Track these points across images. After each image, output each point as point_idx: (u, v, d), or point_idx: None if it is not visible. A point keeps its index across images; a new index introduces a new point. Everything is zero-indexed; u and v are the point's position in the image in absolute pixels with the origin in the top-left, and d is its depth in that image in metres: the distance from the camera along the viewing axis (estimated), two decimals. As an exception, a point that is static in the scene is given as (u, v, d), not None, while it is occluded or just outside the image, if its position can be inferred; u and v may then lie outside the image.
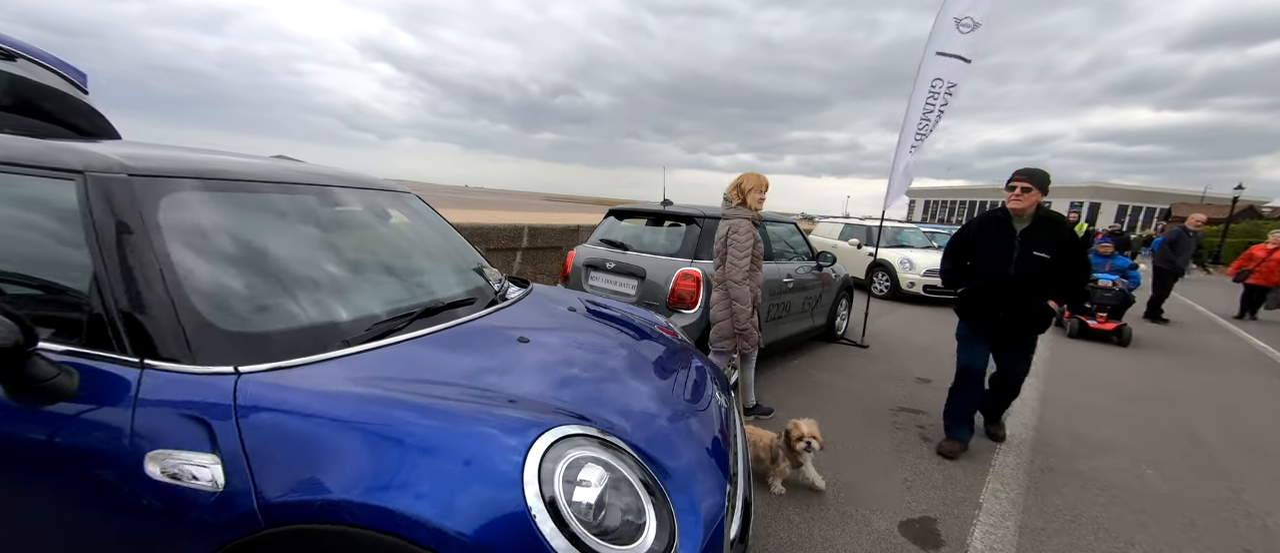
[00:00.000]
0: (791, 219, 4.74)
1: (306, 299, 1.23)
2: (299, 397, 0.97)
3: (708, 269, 3.36)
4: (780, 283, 4.03)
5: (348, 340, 1.18)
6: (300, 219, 1.44)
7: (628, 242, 3.74)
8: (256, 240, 1.29)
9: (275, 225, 1.37)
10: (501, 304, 1.72)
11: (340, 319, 1.24)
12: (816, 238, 11.17)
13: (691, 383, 1.54)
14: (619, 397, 1.27)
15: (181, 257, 1.08)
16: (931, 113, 4.93)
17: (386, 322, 1.30)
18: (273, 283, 1.24)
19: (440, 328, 1.36)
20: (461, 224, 5.23)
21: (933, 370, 4.54)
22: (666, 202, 3.82)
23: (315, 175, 1.60)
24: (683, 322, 3.22)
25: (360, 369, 1.09)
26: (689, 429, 1.30)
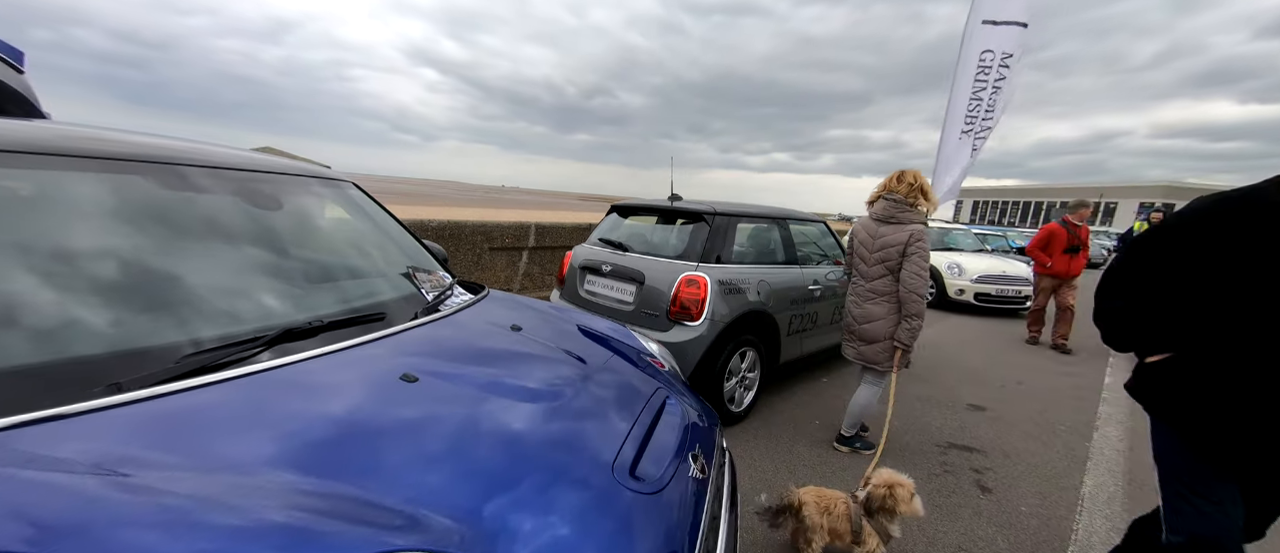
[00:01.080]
0: (821, 218, 4.19)
1: (58, 318, 0.85)
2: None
3: (719, 273, 2.89)
4: (806, 291, 3.50)
5: (119, 384, 0.80)
6: (105, 206, 1.06)
7: (628, 242, 3.31)
8: None
9: (47, 211, 0.99)
10: (419, 322, 1.33)
11: (117, 349, 0.86)
12: (852, 239, 10.40)
13: (664, 453, 1.10)
14: (527, 480, 0.85)
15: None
16: (983, 92, 4.26)
17: (204, 353, 0.92)
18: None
19: (287, 362, 0.97)
20: (462, 222, 4.94)
21: (987, 396, 3.88)
22: (674, 197, 3.37)
23: (181, 154, 1.25)
24: (685, 335, 2.76)
25: (101, 439, 0.71)
26: (635, 530, 0.86)
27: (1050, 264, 5.53)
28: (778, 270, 3.32)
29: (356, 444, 0.82)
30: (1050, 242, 5.53)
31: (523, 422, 0.99)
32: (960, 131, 4.34)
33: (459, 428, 0.94)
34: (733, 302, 2.90)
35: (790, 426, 3.11)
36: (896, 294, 2.57)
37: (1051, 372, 4.70)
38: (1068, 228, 5.44)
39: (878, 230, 2.64)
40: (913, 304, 2.51)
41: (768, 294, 3.13)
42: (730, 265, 3.01)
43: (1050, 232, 5.53)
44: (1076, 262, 5.50)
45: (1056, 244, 5.48)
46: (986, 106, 4.26)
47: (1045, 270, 5.60)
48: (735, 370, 2.99)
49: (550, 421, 1.03)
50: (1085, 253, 5.53)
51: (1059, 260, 5.49)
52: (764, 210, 3.46)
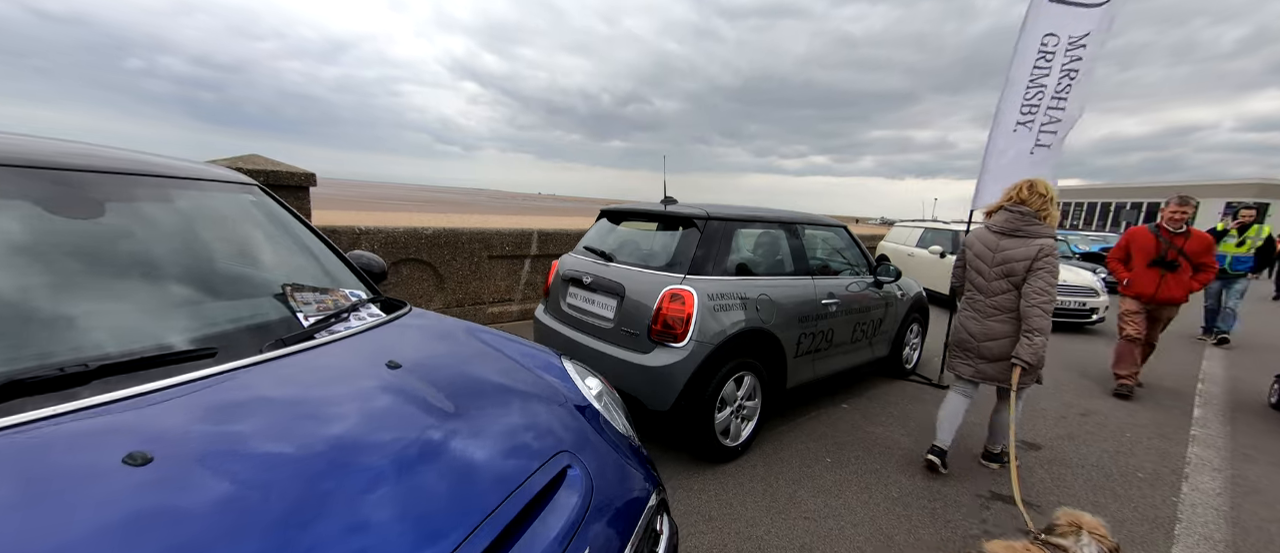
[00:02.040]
0: (840, 223, 3.71)
1: None
2: None
3: (709, 286, 2.51)
4: (819, 306, 3.05)
5: None
6: None
7: (615, 251, 2.97)
8: None
9: None
10: (263, 357, 1.05)
11: None
12: (889, 245, 9.64)
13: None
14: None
15: None
16: (1046, 80, 3.64)
17: None
18: None
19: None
20: (459, 230, 4.76)
21: (1043, 430, 3.28)
22: (667, 200, 3.02)
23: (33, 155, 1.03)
24: (668, 358, 2.39)
25: None
26: None
27: (1126, 281, 4.08)
28: (784, 282, 2.90)
29: None
30: (1131, 250, 4.08)
31: (284, 529, 0.67)
32: (1016, 122, 3.73)
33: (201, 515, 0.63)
34: (726, 319, 2.51)
35: (796, 463, 2.67)
36: (1018, 309, 2.45)
37: (1124, 401, 3.99)
38: (1157, 234, 3.93)
39: (999, 244, 2.52)
40: (1035, 319, 2.36)
41: (770, 310, 2.72)
42: (724, 277, 2.62)
43: (1130, 237, 4.11)
44: (1170, 283, 3.86)
45: (1138, 254, 4.01)
46: (1054, 94, 3.64)
47: (1124, 290, 4.15)
48: (729, 399, 2.59)
49: (338, 521, 0.71)
50: (1187, 272, 3.86)
51: (1140, 277, 3.97)
52: (768, 214, 3.05)
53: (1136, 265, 4.04)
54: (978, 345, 2.59)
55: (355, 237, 4.11)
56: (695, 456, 2.62)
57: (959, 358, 2.71)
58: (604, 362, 2.60)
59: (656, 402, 2.44)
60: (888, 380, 4.11)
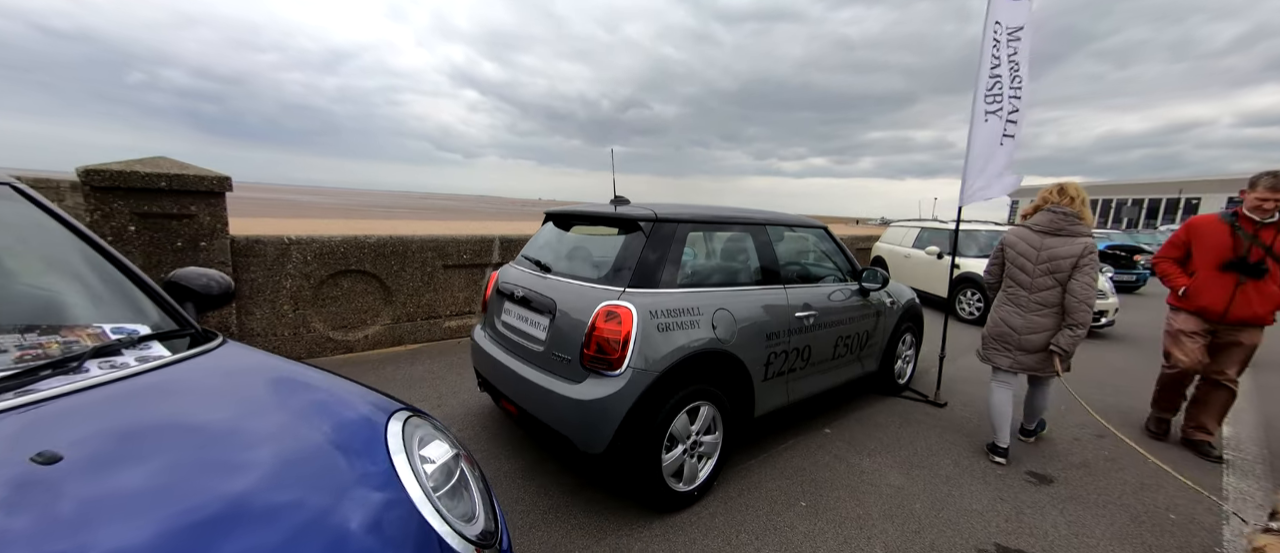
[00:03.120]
0: (818, 223, 3.30)
1: None
2: None
3: (652, 301, 2.10)
4: (793, 320, 2.64)
5: None
6: None
7: (553, 260, 2.57)
8: None
9: None
10: None
11: None
12: (885, 246, 9.22)
13: None
14: None
15: None
16: (999, 69, 3.44)
17: None
18: None
19: None
20: (408, 238, 4.36)
21: (1052, 457, 2.85)
22: (618, 200, 2.62)
23: None
24: (600, 390, 1.98)
25: None
26: None
27: (1184, 290, 2.98)
28: (749, 293, 2.49)
29: None
30: (1192, 247, 3.00)
31: None
32: (985, 112, 3.46)
33: None
34: (674, 340, 2.10)
35: (764, 509, 2.25)
36: (1061, 305, 2.63)
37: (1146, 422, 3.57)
38: (1233, 225, 2.82)
39: (1043, 242, 2.67)
40: (1080, 314, 2.55)
41: (731, 327, 2.31)
42: (674, 290, 2.21)
43: (1194, 229, 3.00)
44: (1249, 295, 2.80)
45: (1205, 253, 2.91)
46: (1010, 85, 3.45)
47: (1177, 301, 3.05)
48: (681, 435, 2.17)
49: None
50: (1278, 279, 2.78)
51: (1206, 284, 2.89)
52: (731, 214, 2.64)
53: (1201, 269, 2.93)
54: (1019, 338, 2.74)
55: (283, 247, 3.71)
56: (642, 503, 2.20)
57: (997, 350, 2.85)
58: (533, 392, 2.19)
59: (588, 442, 2.02)
60: (879, 398, 3.69)
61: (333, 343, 4.01)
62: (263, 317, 3.68)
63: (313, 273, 3.86)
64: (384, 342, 4.30)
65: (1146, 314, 7.77)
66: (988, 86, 3.43)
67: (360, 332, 4.17)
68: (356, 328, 4.16)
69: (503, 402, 2.47)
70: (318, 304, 3.95)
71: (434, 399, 3.26)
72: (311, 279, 3.86)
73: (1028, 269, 2.70)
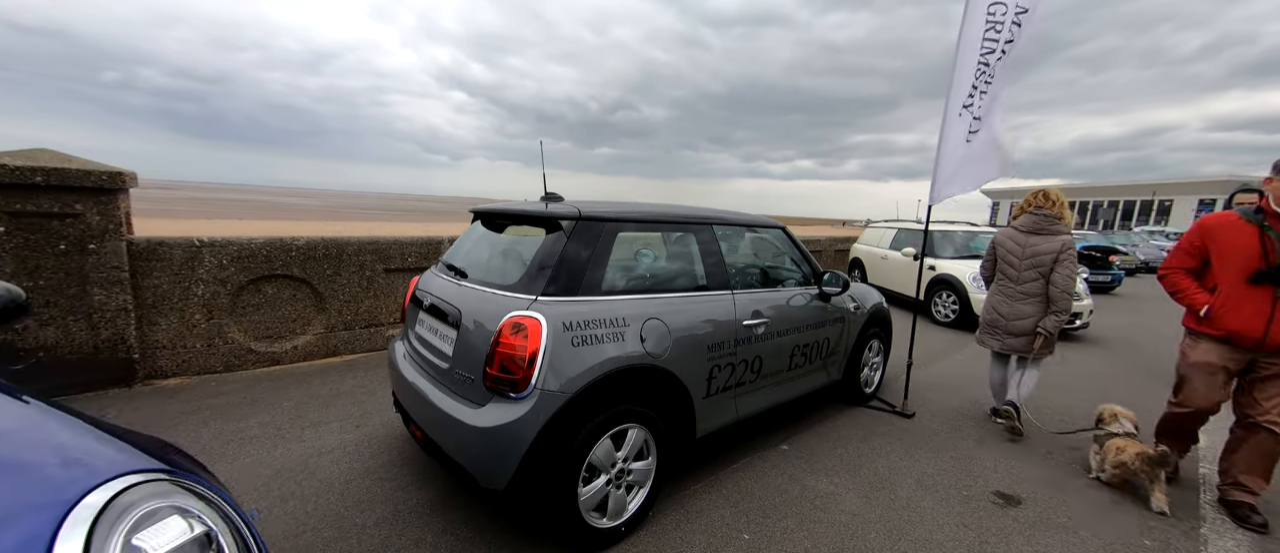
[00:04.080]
0: (775, 223, 3.07)
1: None
2: None
3: (566, 312, 1.83)
4: (737, 328, 2.39)
5: None
6: None
7: (472, 265, 2.29)
8: None
9: None
10: None
11: None
12: (863, 248, 9.09)
13: None
14: None
15: None
16: (990, 58, 3.09)
17: None
18: None
19: None
20: (345, 239, 4.03)
21: (1021, 475, 2.64)
22: (550, 196, 2.35)
23: None
24: (503, 414, 1.71)
25: None
26: None
27: (1206, 310, 2.35)
28: (687, 301, 2.24)
29: None
30: (1209, 254, 2.39)
31: None
32: (961, 106, 3.16)
33: None
34: (594, 355, 1.83)
35: (702, 542, 1.99)
36: (1045, 294, 3.01)
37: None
38: (1261, 225, 2.24)
39: (1027, 240, 3.06)
40: (1062, 301, 2.94)
41: (663, 338, 2.05)
42: (596, 298, 1.94)
43: (1210, 231, 2.39)
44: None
45: (1228, 261, 2.32)
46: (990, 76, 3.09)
47: (1197, 324, 2.41)
48: (603, 464, 1.90)
49: None
50: None
51: (1234, 301, 2.29)
52: (669, 212, 2.38)
53: (1225, 282, 2.31)
54: (1006, 323, 3.13)
55: (193, 251, 3.36)
56: (559, 543, 1.93)
57: (989, 334, 3.26)
58: (434, 416, 1.91)
59: (488, 476, 1.74)
60: (843, 408, 3.47)
61: (255, 355, 3.67)
62: (169, 328, 3.32)
63: (230, 278, 3.51)
64: (317, 353, 3.96)
65: (1122, 316, 7.72)
66: (976, 76, 3.13)
67: (288, 342, 3.83)
68: (284, 338, 3.82)
69: (412, 425, 2.18)
70: (237, 313, 3.60)
71: (355, 418, 2.95)
72: (228, 285, 3.51)
73: (1015, 264, 3.10)
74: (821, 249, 9.86)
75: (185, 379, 3.39)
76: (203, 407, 2.98)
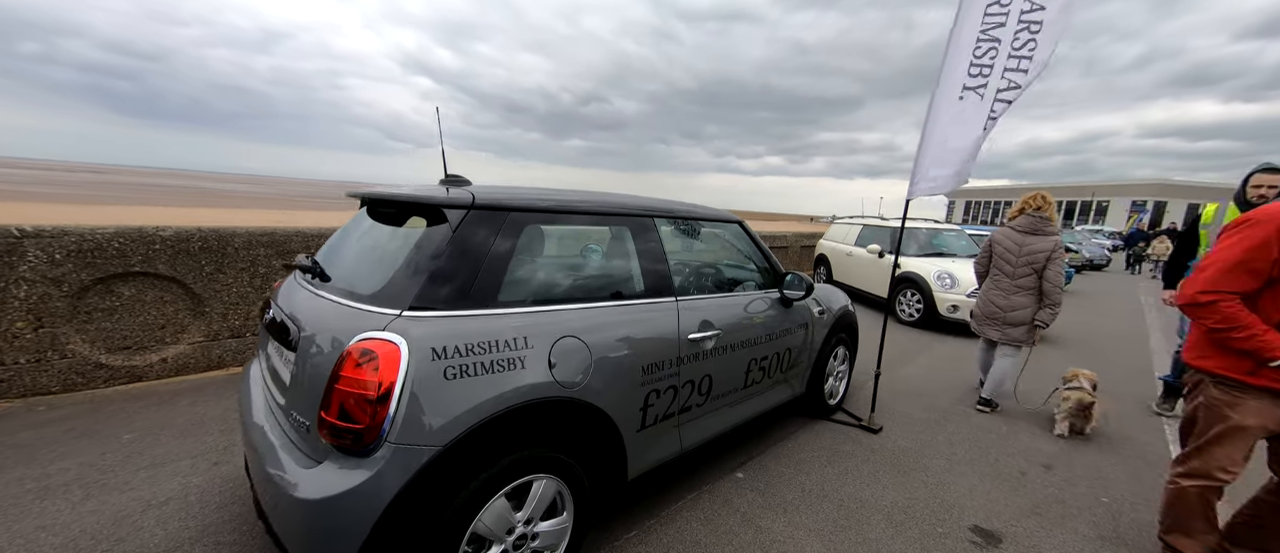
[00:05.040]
0: (732, 218, 2.68)
1: None
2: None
3: (442, 332, 1.35)
4: (682, 344, 1.98)
5: None
6: None
7: (338, 265, 1.77)
8: None
9: None
10: None
11: None
12: (828, 244, 8.92)
13: None
14: None
15: None
16: (1000, 31, 2.72)
17: None
18: None
19: None
20: (230, 230, 3.39)
21: (997, 501, 2.35)
22: (452, 179, 1.86)
23: None
24: (338, 481, 1.23)
25: None
26: None
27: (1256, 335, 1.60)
28: (616, 313, 1.80)
29: None
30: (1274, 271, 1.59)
31: None
32: (962, 88, 2.78)
33: None
34: (475, 390, 1.36)
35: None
36: (1038, 288, 3.30)
37: (1102, 436, 3.21)
38: None
39: (1023, 240, 3.32)
40: (1055, 295, 3.25)
41: (580, 363, 1.60)
42: (482, 312, 1.47)
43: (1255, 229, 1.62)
44: None
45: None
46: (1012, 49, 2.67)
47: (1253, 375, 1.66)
48: (497, 531, 1.44)
49: None
50: None
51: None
52: (597, 202, 1.90)
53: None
54: (1004, 315, 3.39)
55: (12, 243, 2.66)
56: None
57: (989, 325, 3.50)
58: (261, 475, 1.39)
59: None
60: (805, 422, 3.14)
61: (107, 371, 2.99)
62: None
63: (67, 277, 2.83)
64: (195, 366, 3.31)
65: (1075, 314, 7.83)
66: (976, 55, 2.77)
67: (155, 354, 3.16)
68: (148, 349, 3.15)
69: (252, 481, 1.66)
70: (80, 320, 2.91)
71: (214, 453, 2.37)
72: (66, 286, 2.83)
73: (1011, 260, 3.36)
74: (788, 245, 9.66)
75: (5, 404, 2.70)
76: (10, 442, 2.33)
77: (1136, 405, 3.83)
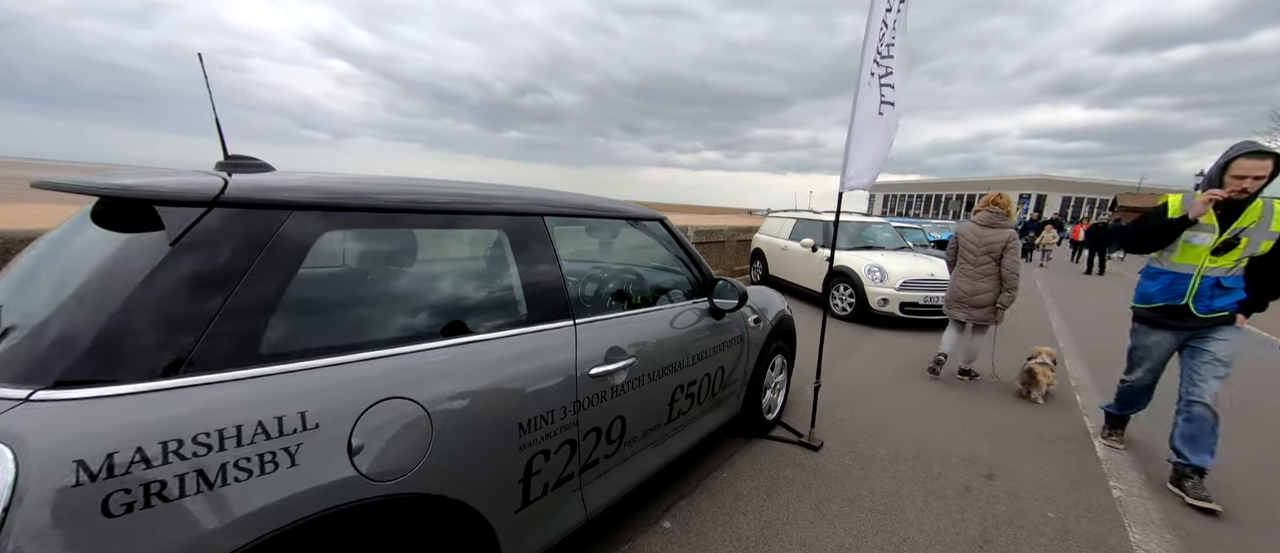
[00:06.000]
0: (649, 211, 2.24)
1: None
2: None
3: (120, 426, 0.76)
4: (583, 382, 1.49)
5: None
6: None
7: (8, 295, 1.12)
8: None
9: None
10: None
11: None
12: (763, 238, 8.83)
13: None
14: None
15: None
16: (890, 15, 2.57)
17: None
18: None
19: None
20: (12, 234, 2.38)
21: (952, 536, 2.11)
22: (232, 161, 1.24)
23: None
24: None
25: None
26: None
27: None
28: (474, 354, 1.27)
29: None
30: None
31: None
32: (869, 74, 2.58)
33: None
34: (182, 525, 0.79)
35: None
36: (998, 275, 3.78)
37: (1034, 438, 3.14)
38: None
39: (983, 232, 3.83)
40: (1012, 280, 3.72)
41: (412, 442, 1.07)
42: (213, 378, 0.89)
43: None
44: None
45: None
46: (889, 40, 2.55)
47: None
48: None
49: None
50: None
51: None
52: (445, 195, 1.34)
53: None
54: (969, 298, 3.87)
55: None
56: None
57: (958, 308, 3.93)
58: None
59: None
60: (742, 444, 2.79)
61: None
62: None
63: None
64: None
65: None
66: (880, 37, 2.54)
67: None
68: None
69: None
70: None
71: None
72: None
73: (974, 249, 3.84)
74: (724, 240, 9.49)
75: None
76: None
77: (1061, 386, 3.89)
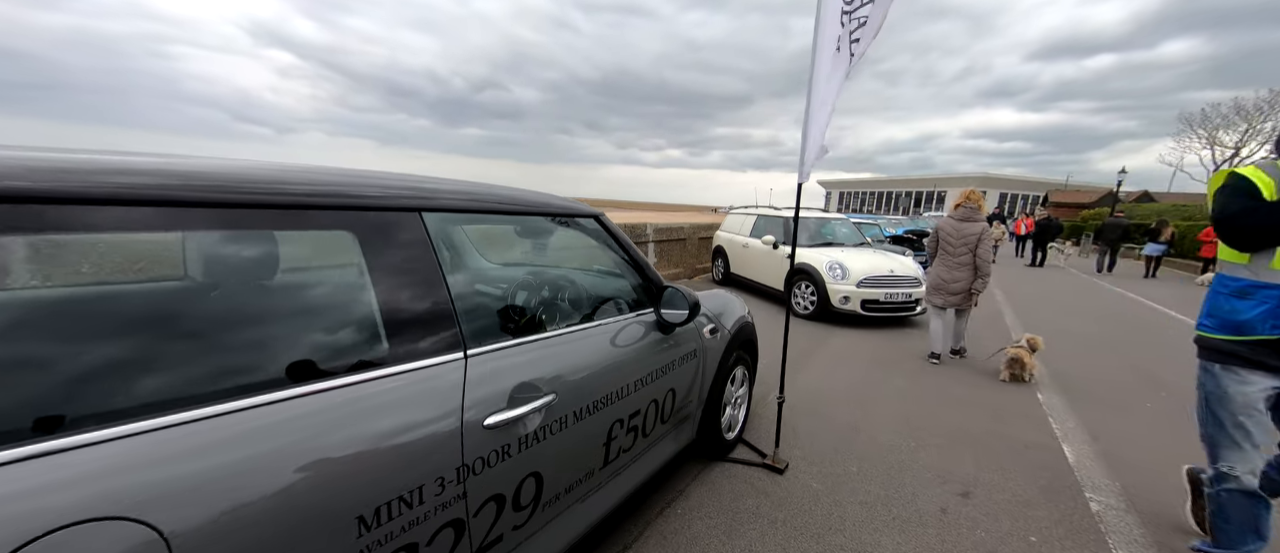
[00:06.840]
0: (585, 207, 1.87)
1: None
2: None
3: None
4: (474, 436, 1.10)
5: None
6: None
7: None
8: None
9: None
10: None
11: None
12: (725, 235, 8.61)
13: None
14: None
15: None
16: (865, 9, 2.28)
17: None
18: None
19: None
20: None
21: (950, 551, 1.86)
22: None
23: None
24: None
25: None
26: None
27: None
28: (291, 413, 0.85)
29: None
30: None
31: None
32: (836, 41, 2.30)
33: None
34: None
35: None
36: (973, 264, 4.24)
37: (1002, 445, 2.98)
38: None
39: (960, 226, 4.29)
40: (985, 267, 4.20)
41: None
42: None
43: None
44: None
45: None
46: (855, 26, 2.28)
47: None
48: None
49: None
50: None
51: None
52: (249, 179, 0.91)
53: None
54: (948, 286, 4.36)
55: None
56: None
57: (937, 295, 4.45)
58: None
59: None
60: (698, 471, 2.47)
61: None
62: None
63: None
64: None
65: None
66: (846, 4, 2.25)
67: None
68: None
69: None
70: None
71: None
72: None
73: (953, 241, 4.29)
74: (685, 237, 9.22)
75: None
76: None
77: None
